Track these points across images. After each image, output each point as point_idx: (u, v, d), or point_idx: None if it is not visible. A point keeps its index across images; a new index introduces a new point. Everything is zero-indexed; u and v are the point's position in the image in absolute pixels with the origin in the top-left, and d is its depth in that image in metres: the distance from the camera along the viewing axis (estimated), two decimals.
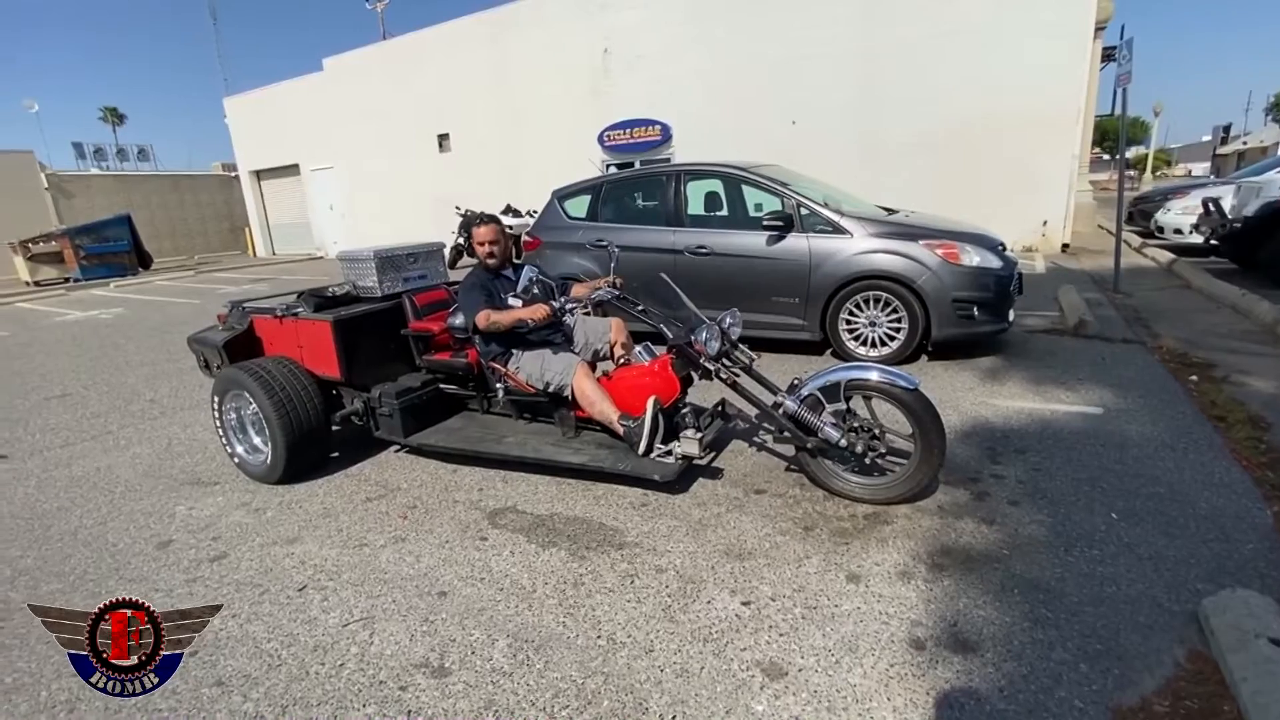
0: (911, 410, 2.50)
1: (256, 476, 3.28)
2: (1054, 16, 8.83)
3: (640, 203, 5.54)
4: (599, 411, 2.88)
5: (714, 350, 2.71)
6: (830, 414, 2.64)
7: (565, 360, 3.01)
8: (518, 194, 13.34)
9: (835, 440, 2.58)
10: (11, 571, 2.58)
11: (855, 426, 2.61)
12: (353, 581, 2.33)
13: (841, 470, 2.69)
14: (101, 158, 27.48)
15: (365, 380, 3.33)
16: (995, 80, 9.23)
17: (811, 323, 4.55)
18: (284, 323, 3.37)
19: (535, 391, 3.08)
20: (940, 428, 2.50)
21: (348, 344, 3.22)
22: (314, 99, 17.46)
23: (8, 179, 18.97)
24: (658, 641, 1.92)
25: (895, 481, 2.60)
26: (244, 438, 3.37)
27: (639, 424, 2.74)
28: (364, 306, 3.40)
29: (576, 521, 2.65)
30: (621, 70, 12.43)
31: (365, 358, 3.32)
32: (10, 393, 5.46)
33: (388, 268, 3.48)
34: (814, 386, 2.65)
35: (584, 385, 2.90)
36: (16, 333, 8.93)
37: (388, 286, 3.48)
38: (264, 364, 3.23)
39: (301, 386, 3.17)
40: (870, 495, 2.63)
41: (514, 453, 3.00)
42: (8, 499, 3.29)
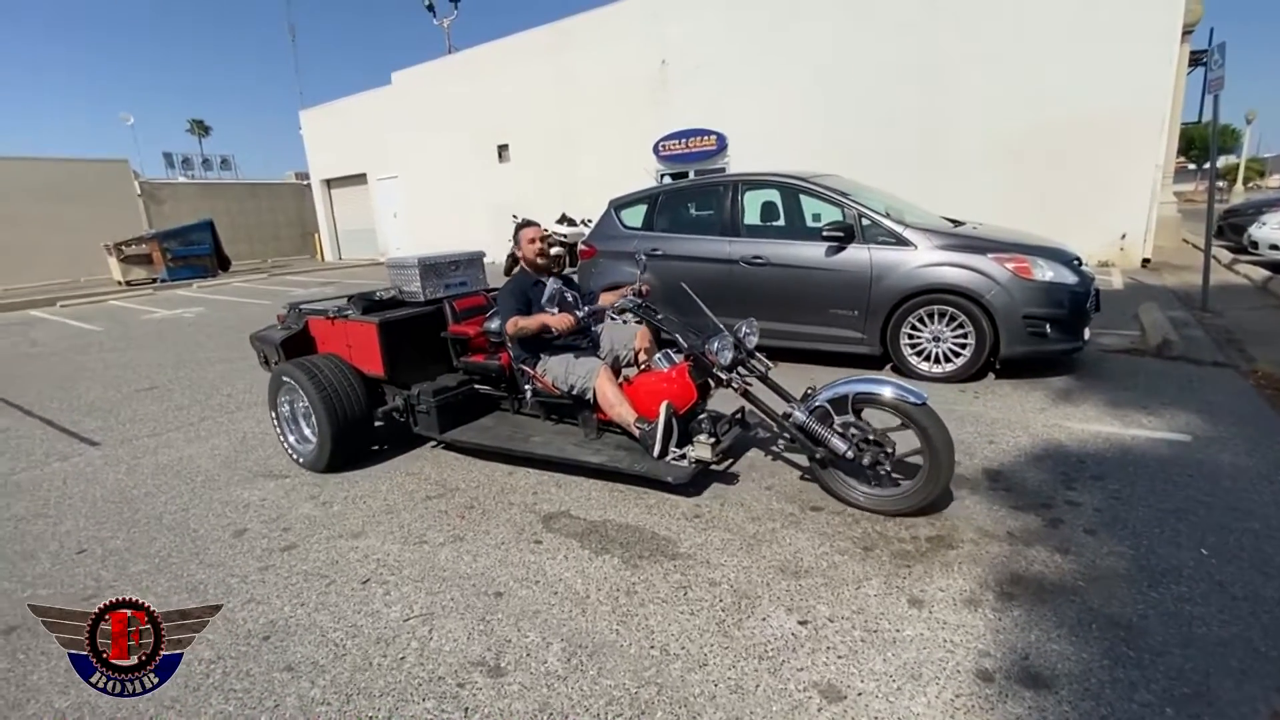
0: (919, 425, 2.50)
1: (306, 464, 3.51)
2: (1139, 19, 8.39)
3: (697, 212, 5.54)
4: (618, 414, 2.98)
5: (726, 359, 2.78)
6: (839, 426, 2.66)
7: (588, 365, 3.11)
8: (573, 203, 13.58)
9: (842, 452, 2.61)
10: (103, 551, 2.76)
11: (863, 439, 2.62)
12: (413, 577, 2.40)
13: (851, 481, 2.71)
14: (188, 166, 29.50)
15: (406, 379, 3.53)
16: (1072, 86, 8.83)
17: (871, 336, 4.44)
18: (335, 323, 3.62)
19: (560, 394, 3.20)
20: (948, 442, 2.49)
21: (391, 344, 3.43)
22: (382, 111, 18.26)
23: (105, 185, 20.57)
24: (712, 656, 1.90)
25: (903, 495, 2.60)
26: (295, 428, 3.60)
27: (653, 428, 2.83)
28: (408, 310, 3.61)
29: (629, 529, 2.65)
30: (678, 81, 12.50)
31: (407, 358, 3.52)
32: (104, 384, 5.88)
33: (430, 274, 3.70)
34: (824, 398, 2.68)
35: (605, 389, 3.00)
36: (110, 328, 9.63)
37: (430, 292, 3.69)
38: (315, 360, 3.46)
39: (347, 382, 3.40)
40: (878, 507, 2.64)
41: (539, 451, 3.13)
42: (100, 483, 3.54)
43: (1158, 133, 8.67)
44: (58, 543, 2.87)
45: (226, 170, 28.87)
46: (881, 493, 2.66)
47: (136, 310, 11.66)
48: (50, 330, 9.83)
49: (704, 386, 2.98)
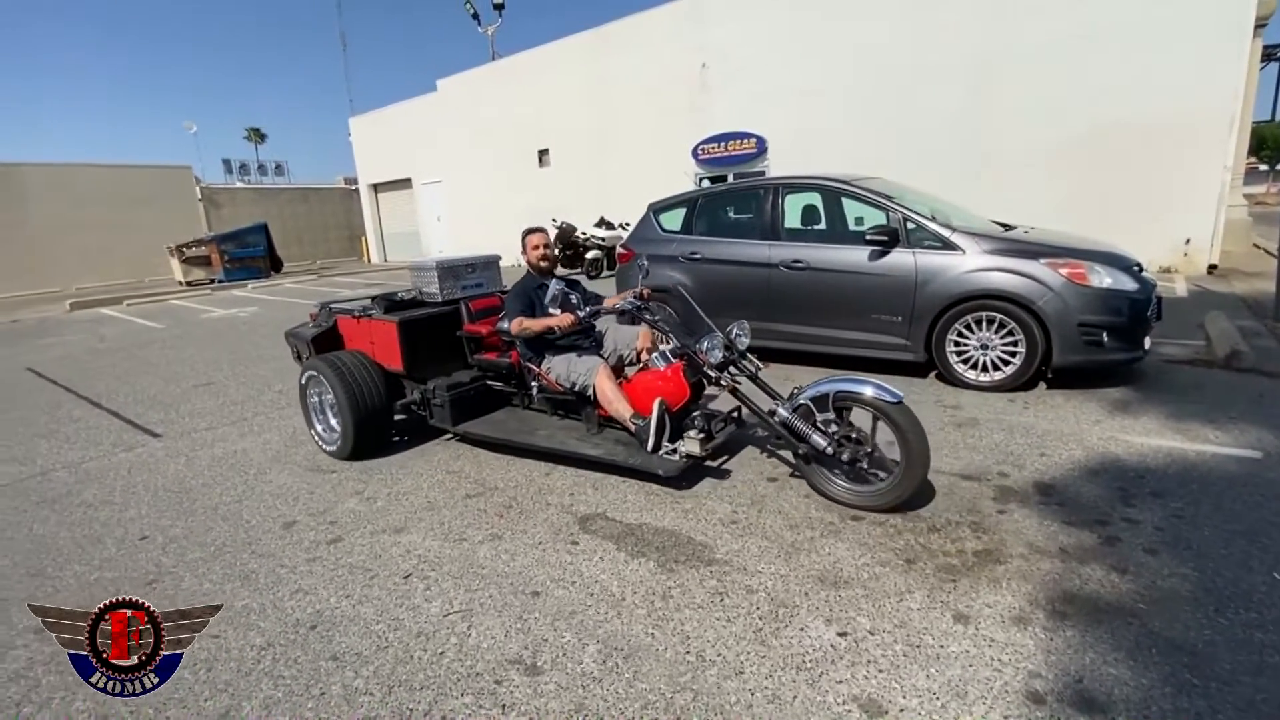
0: (895, 423, 2.58)
1: (331, 452, 3.74)
2: (1208, 13, 7.98)
3: (736, 216, 5.50)
4: (615, 410, 3.12)
5: (716, 359, 2.93)
6: (821, 423, 2.76)
7: (589, 363, 3.27)
8: (611, 207, 13.66)
9: (822, 448, 2.71)
10: (164, 539, 2.90)
11: (843, 436, 2.72)
12: (453, 574, 2.44)
13: (833, 476, 2.79)
14: (245, 172, 30.83)
15: (424, 374, 3.73)
16: (1135, 84, 8.45)
17: (915, 343, 4.33)
18: (360, 322, 3.87)
19: (563, 390, 3.38)
20: (923, 441, 2.58)
21: (410, 342, 3.67)
22: (427, 117, 18.72)
23: (170, 190, 21.68)
24: (748, 664, 1.88)
25: (881, 491, 2.68)
26: (323, 418, 3.85)
27: (647, 423, 2.96)
28: (426, 310, 3.84)
29: (665, 533, 2.65)
30: (718, 84, 12.46)
31: (424, 354, 3.75)
32: (165, 379, 6.18)
33: (448, 276, 3.91)
34: (806, 396, 2.79)
35: (603, 386, 3.15)
36: (171, 326, 10.12)
37: (447, 292, 3.90)
38: (340, 356, 3.70)
39: (369, 376, 3.61)
40: (857, 502, 2.72)
41: (543, 444, 3.30)
42: (161, 473, 3.72)
43: (1226, 132, 8.21)
44: (123, 529, 3.02)
45: (280, 175, 30.09)
46: (860, 488, 2.74)
47: (195, 309, 12.22)
48: (118, 327, 10.39)
49: (698, 385, 3.13)
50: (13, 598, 2.49)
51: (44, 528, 3.11)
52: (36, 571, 2.68)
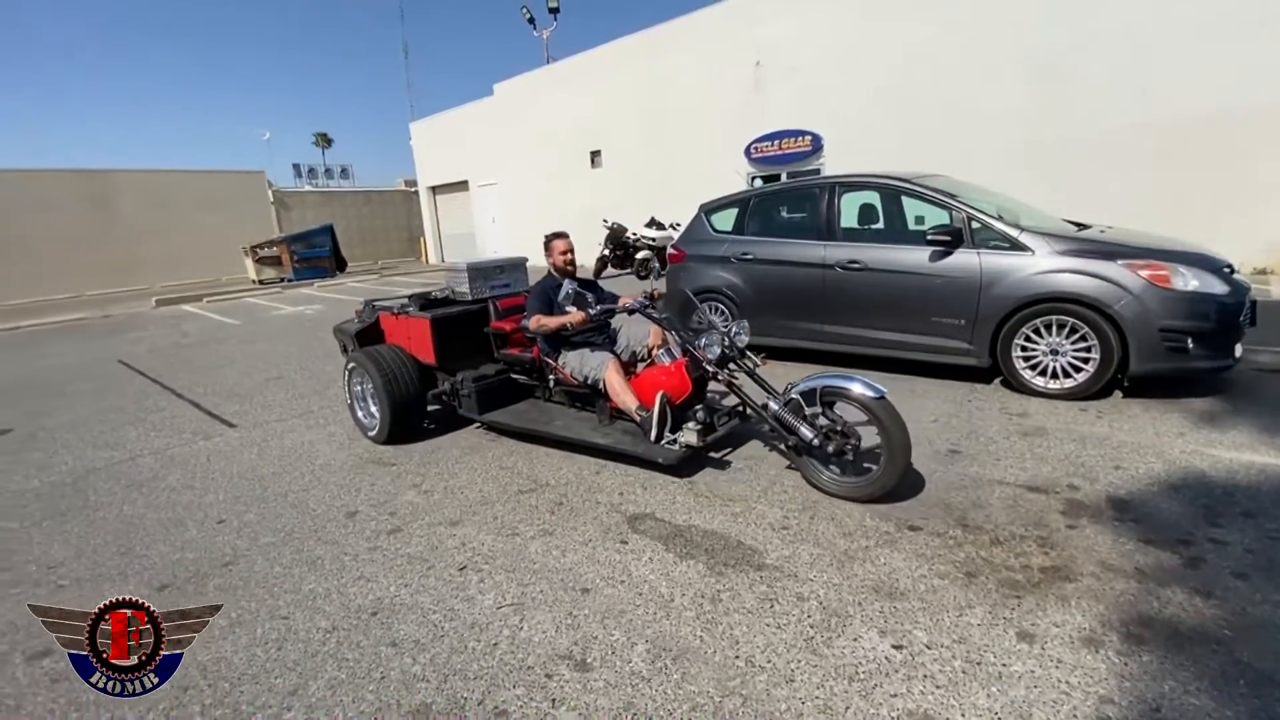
0: (877, 417, 2.70)
1: (371, 437, 4.05)
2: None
3: (790, 216, 5.41)
4: (622, 402, 3.32)
5: (714, 355, 3.11)
6: (809, 416, 2.90)
7: (600, 358, 3.48)
8: (662, 207, 13.66)
9: (809, 439, 2.84)
10: (239, 523, 3.08)
11: (830, 429, 2.84)
12: (505, 567, 2.50)
13: (821, 467, 2.91)
14: (313, 176, 32.17)
15: (454, 367, 4.02)
16: (1226, 69, 7.86)
17: (979, 348, 4.15)
18: (398, 318, 4.17)
19: (577, 383, 3.60)
20: (904, 435, 2.69)
21: (441, 337, 3.96)
22: (483, 121, 19.18)
23: (244, 194, 22.98)
24: (799, 672, 1.85)
25: (865, 482, 2.80)
26: (364, 406, 4.13)
27: (650, 415, 3.16)
28: (457, 308, 4.12)
29: (714, 536, 2.63)
30: (773, 82, 12.29)
31: (455, 349, 4.03)
32: (240, 373, 6.55)
33: (478, 277, 4.18)
34: (796, 391, 2.93)
35: (612, 379, 3.36)
36: (245, 322, 10.71)
37: (476, 292, 4.15)
38: (380, 349, 4.04)
39: (405, 368, 3.92)
40: (841, 492, 2.85)
41: (558, 433, 3.54)
42: (237, 461, 3.94)
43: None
44: (202, 513, 3.22)
45: (345, 179, 31.30)
46: (845, 479, 2.86)
47: (266, 306, 12.90)
48: (198, 323, 11.08)
49: (700, 381, 3.27)
50: (105, 574, 2.69)
51: (132, 509, 3.35)
52: (126, 550, 2.89)
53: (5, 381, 7.06)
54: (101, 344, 9.42)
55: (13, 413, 5.57)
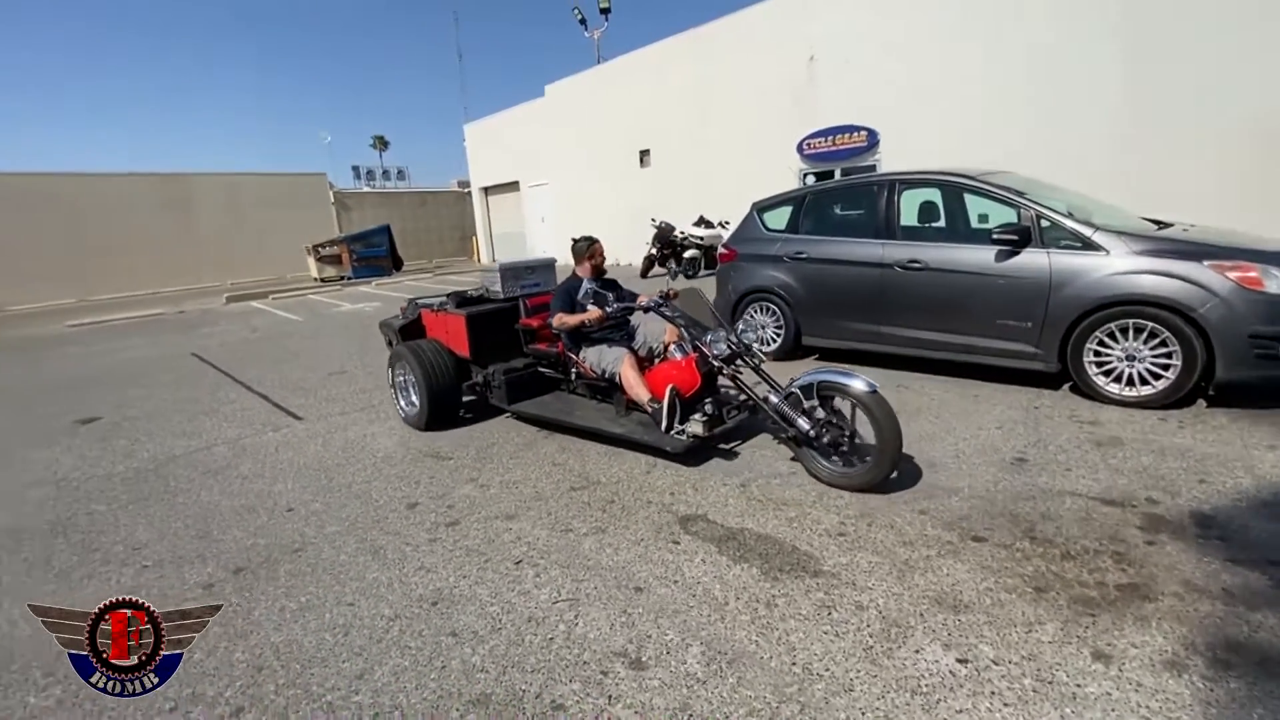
0: (870, 411, 2.83)
1: (410, 423, 4.38)
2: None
3: (847, 214, 5.29)
4: (636, 395, 3.50)
5: (720, 352, 3.27)
6: (807, 409, 3.03)
7: (616, 353, 3.69)
8: (711, 206, 13.58)
9: (805, 430, 2.98)
10: (306, 511, 3.22)
11: (825, 421, 2.97)
12: (560, 563, 2.53)
13: (819, 458, 3.04)
14: (371, 178, 33.34)
15: (487, 360, 4.30)
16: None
17: (1047, 352, 3.97)
18: (437, 314, 4.50)
19: (595, 377, 3.81)
20: (896, 429, 2.81)
21: (475, 332, 4.26)
22: (534, 122, 19.47)
23: (307, 195, 24.00)
24: (858, 682, 1.81)
25: (858, 473, 2.93)
26: (405, 395, 4.44)
27: (660, 407, 3.32)
28: (490, 305, 4.42)
29: (768, 540, 2.60)
30: (827, 77, 12.04)
31: (488, 343, 4.32)
32: (304, 367, 6.84)
33: (509, 276, 4.49)
34: (796, 385, 3.08)
35: (627, 373, 3.56)
36: (309, 319, 11.19)
37: (508, 290, 4.46)
38: (420, 343, 4.34)
39: (442, 360, 4.22)
40: (835, 481, 2.99)
41: (579, 422, 3.76)
42: (304, 453, 4.12)
43: None
44: (272, 501, 3.39)
45: (402, 180, 32.32)
46: (840, 469, 2.99)
47: (328, 304, 13.45)
48: (265, 319, 11.64)
49: (710, 375, 3.42)
50: (185, 556, 2.86)
51: (209, 495, 3.54)
52: (203, 534, 3.06)
53: (94, 372, 7.58)
54: (177, 338, 10.01)
55: (101, 401, 5.97)
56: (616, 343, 3.83)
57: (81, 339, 10.88)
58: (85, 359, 8.67)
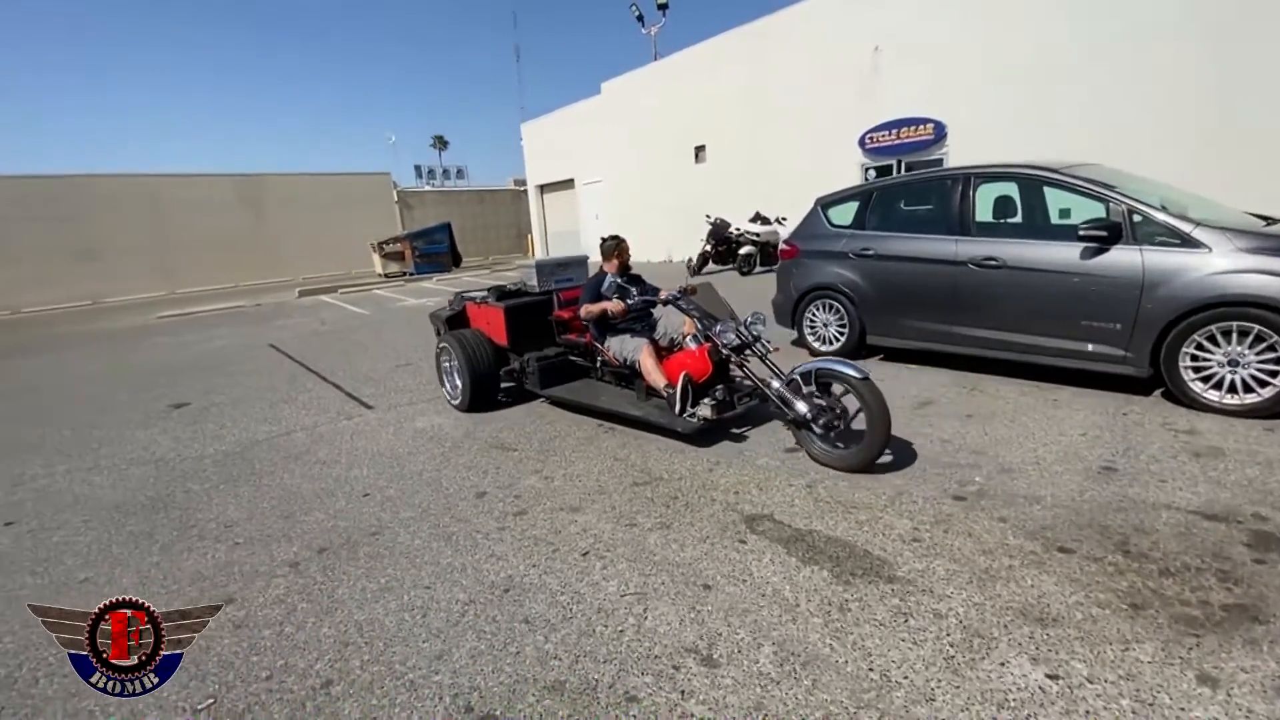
0: (860, 395, 3.03)
1: (454, 406, 4.77)
2: None
3: (916, 209, 5.12)
4: (653, 381, 3.80)
5: (729, 342, 3.50)
6: (805, 394, 3.24)
7: (637, 343, 3.99)
8: (767, 201, 13.40)
9: (802, 414, 3.21)
10: (381, 497, 3.35)
11: (821, 406, 3.19)
12: (626, 556, 2.55)
13: (815, 440, 3.24)
14: (432, 176, 34.36)
15: (523, 348, 4.68)
16: None
17: (1138, 355, 3.73)
18: (480, 307, 4.89)
19: (618, 364, 4.13)
20: (885, 414, 3.00)
21: (512, 323, 4.63)
22: (590, 120, 19.65)
23: (372, 194, 24.96)
24: (940, 692, 1.75)
25: (849, 454, 3.13)
26: (450, 379, 4.85)
27: (674, 392, 3.60)
28: (527, 299, 4.78)
29: (838, 544, 2.55)
30: (891, 68, 11.68)
31: (524, 333, 4.69)
32: (372, 359, 7.13)
33: (545, 272, 4.87)
34: (796, 372, 3.29)
35: (645, 361, 3.85)
36: (374, 312, 11.64)
37: (543, 285, 4.82)
38: (464, 333, 4.77)
39: (483, 348, 4.62)
40: (829, 461, 3.20)
41: (603, 405, 4.10)
42: (375, 440, 4.29)
43: None
44: (349, 486, 3.54)
45: (460, 179, 33.18)
46: (834, 451, 3.19)
47: (392, 298, 13.95)
48: (333, 313, 12.18)
49: (721, 364, 3.64)
50: (272, 535, 3.02)
51: (290, 479, 3.73)
52: (287, 515, 3.23)
53: (183, 361, 8.11)
54: (255, 329, 10.59)
55: (189, 388, 6.38)
56: (638, 333, 4.11)
57: (170, 330, 11.65)
58: (174, 349, 9.28)
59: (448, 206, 26.45)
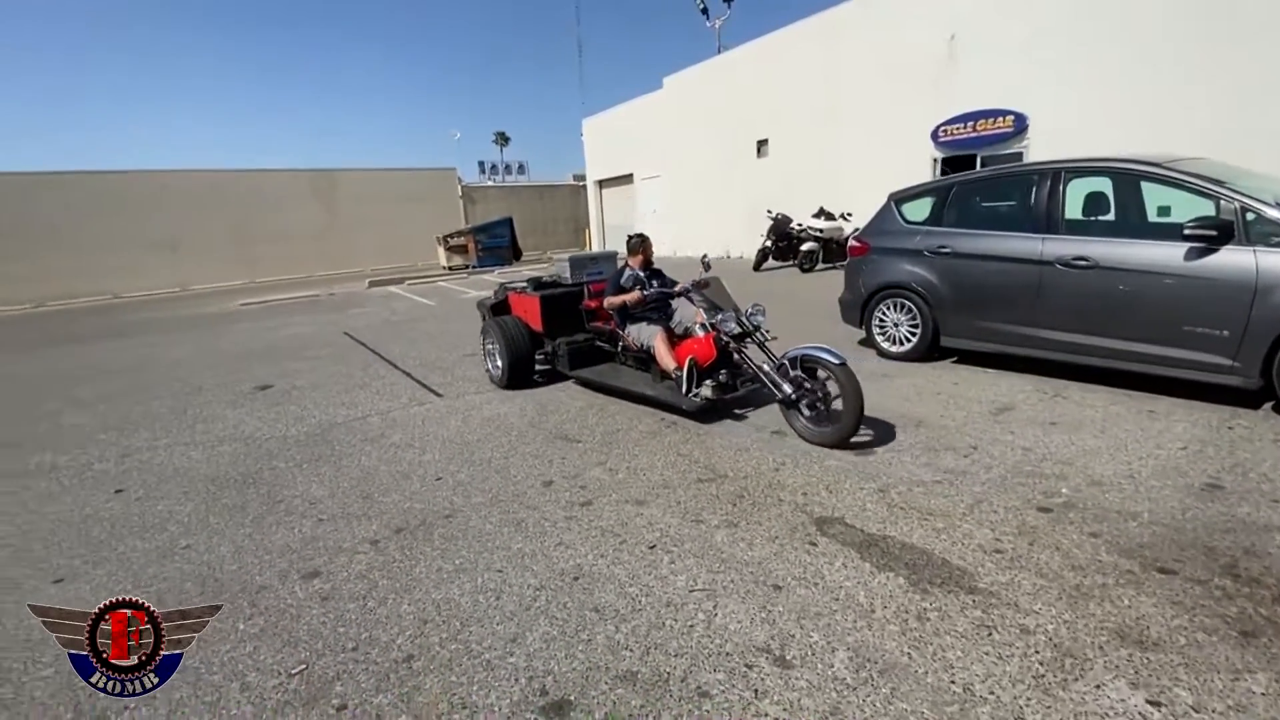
0: (839, 379, 3.38)
1: (495, 382, 5.35)
2: None
3: (999, 206, 4.89)
4: (664, 364, 4.22)
5: (730, 330, 3.84)
6: (793, 378, 3.61)
7: (652, 330, 4.41)
8: (831, 197, 13.08)
9: (788, 394, 3.60)
10: (453, 481, 3.46)
11: (804, 387, 3.56)
12: (693, 552, 2.55)
13: (798, 417, 3.62)
14: (494, 172, 35.18)
15: (555, 334, 5.16)
16: None
17: (1247, 365, 3.45)
18: (519, 296, 5.43)
19: (637, 349, 4.57)
20: (859, 397, 3.35)
21: (547, 311, 5.14)
22: (651, 114, 19.65)
23: (437, 189, 25.72)
24: (1029, 712, 1.67)
25: (827, 431, 3.48)
26: (492, 359, 5.41)
27: (680, 374, 4.05)
28: (560, 289, 5.32)
29: (914, 550, 2.47)
30: (968, 57, 11.16)
31: (557, 320, 5.18)
32: (439, 348, 7.36)
33: (577, 266, 5.49)
34: (785, 358, 3.64)
35: (659, 346, 4.27)
36: (440, 303, 12.02)
37: (575, 277, 5.41)
38: (504, 319, 5.33)
39: (520, 332, 5.17)
40: (810, 437, 3.55)
41: (622, 385, 4.54)
42: (445, 427, 4.44)
43: None
44: (423, 469, 3.68)
45: (521, 174, 33.88)
46: (814, 428, 3.55)
47: (456, 290, 14.37)
48: (402, 303, 12.64)
49: (725, 350, 3.94)
50: (353, 514, 3.17)
51: (368, 460, 3.91)
52: (366, 496, 3.38)
53: (264, 346, 8.60)
54: (329, 318, 11.11)
55: (271, 372, 6.76)
56: (655, 321, 4.54)
57: (251, 316, 12.38)
58: (256, 334, 9.85)
59: (508, 201, 26.99)
